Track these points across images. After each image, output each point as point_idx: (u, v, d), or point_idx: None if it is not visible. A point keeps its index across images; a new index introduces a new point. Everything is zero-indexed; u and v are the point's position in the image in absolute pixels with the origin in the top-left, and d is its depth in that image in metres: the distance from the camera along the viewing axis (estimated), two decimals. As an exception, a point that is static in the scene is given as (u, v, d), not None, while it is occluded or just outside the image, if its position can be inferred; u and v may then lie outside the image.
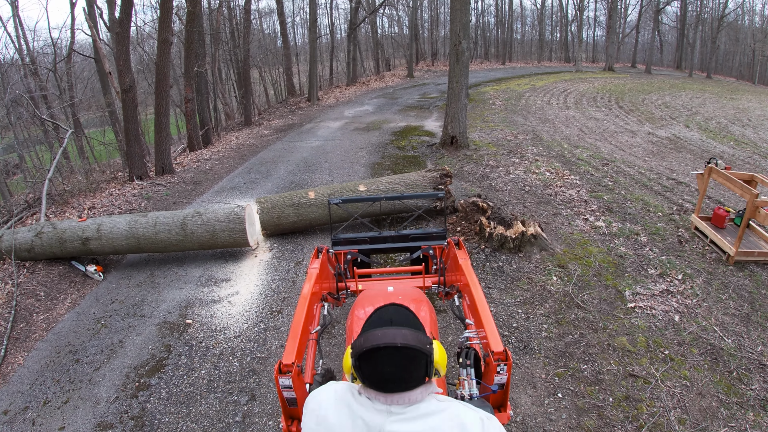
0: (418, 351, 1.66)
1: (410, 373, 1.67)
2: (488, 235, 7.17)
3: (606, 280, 6.44)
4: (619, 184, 10.31)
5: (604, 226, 8.07)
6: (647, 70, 43.80)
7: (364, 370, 1.69)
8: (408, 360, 1.66)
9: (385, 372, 1.65)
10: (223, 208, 7.44)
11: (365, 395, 1.71)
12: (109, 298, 6.87)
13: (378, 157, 13.27)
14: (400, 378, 1.66)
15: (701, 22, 49.17)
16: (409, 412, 1.64)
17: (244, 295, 6.58)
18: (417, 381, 1.69)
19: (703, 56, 49.81)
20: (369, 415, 1.66)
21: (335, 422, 1.68)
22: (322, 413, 1.74)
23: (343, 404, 1.72)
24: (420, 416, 1.63)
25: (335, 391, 1.79)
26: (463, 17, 12.24)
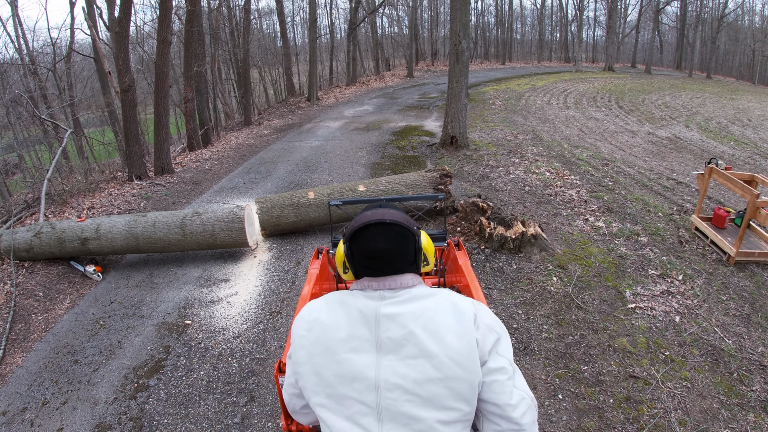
0: (406, 229, 1.74)
1: (400, 252, 1.74)
2: (488, 235, 7.15)
3: (606, 281, 6.42)
4: (620, 184, 10.29)
5: (604, 227, 8.05)
6: (647, 70, 43.82)
7: (356, 252, 1.75)
8: (397, 237, 1.72)
9: (376, 247, 1.71)
10: (222, 209, 7.42)
11: (357, 289, 1.76)
12: (107, 299, 6.84)
13: (378, 157, 13.26)
14: (391, 255, 1.72)
15: (701, 22, 49.16)
16: (401, 295, 1.69)
17: (243, 296, 6.56)
18: (407, 263, 1.76)
19: (703, 56, 49.89)
20: (363, 302, 1.68)
21: (329, 321, 1.69)
22: (312, 317, 1.74)
23: (335, 303, 1.74)
24: (413, 298, 1.68)
25: (325, 299, 1.79)
26: (463, 17, 12.23)
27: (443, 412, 1.58)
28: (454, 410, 1.59)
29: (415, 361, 1.58)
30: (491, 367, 1.64)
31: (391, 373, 1.59)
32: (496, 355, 1.67)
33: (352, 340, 1.64)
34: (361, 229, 1.73)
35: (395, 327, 1.62)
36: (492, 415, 1.66)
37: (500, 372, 1.65)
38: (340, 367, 1.63)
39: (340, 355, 1.63)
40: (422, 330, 1.60)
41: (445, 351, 1.58)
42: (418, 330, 1.60)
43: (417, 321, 1.62)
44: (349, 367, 1.62)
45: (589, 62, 54.89)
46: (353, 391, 1.60)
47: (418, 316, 1.63)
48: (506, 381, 1.65)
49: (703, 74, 44.77)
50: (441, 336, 1.60)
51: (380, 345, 1.62)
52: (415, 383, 1.57)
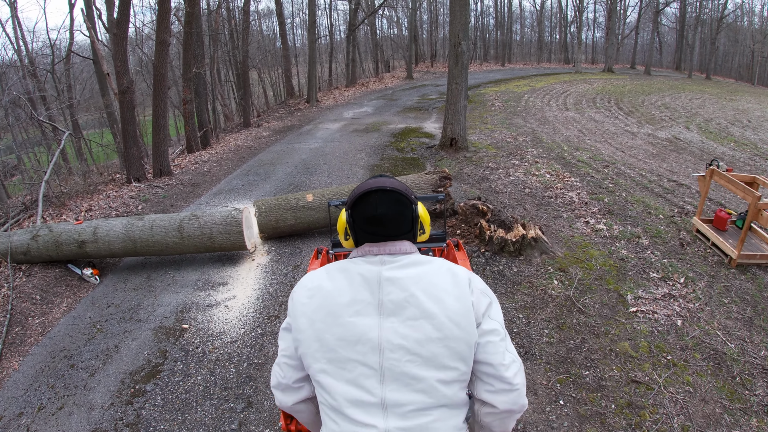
0: (405, 197, 1.85)
1: (398, 217, 1.84)
2: (488, 238, 7.08)
3: (607, 284, 6.37)
4: (620, 186, 10.24)
5: (605, 229, 8.00)
6: (647, 71, 43.79)
7: (357, 218, 1.86)
8: (396, 203, 1.83)
9: (376, 212, 1.81)
10: (220, 211, 7.36)
11: (357, 256, 1.85)
12: (105, 302, 6.79)
13: (377, 159, 13.21)
14: (390, 220, 1.82)
15: (701, 23, 49.15)
16: (401, 260, 1.78)
17: (241, 300, 6.50)
18: (405, 229, 1.87)
19: (702, 57, 49.89)
20: (365, 267, 1.76)
21: (331, 287, 1.76)
22: (314, 285, 1.80)
23: (335, 272, 1.80)
24: (412, 263, 1.77)
25: (325, 268, 1.85)
26: (463, 18, 12.18)
27: (443, 371, 1.66)
28: (453, 369, 1.67)
29: (416, 322, 1.66)
30: (485, 329, 1.73)
31: (393, 334, 1.66)
32: (489, 319, 1.76)
33: (355, 303, 1.71)
34: (363, 195, 1.84)
35: (396, 290, 1.70)
36: (485, 376, 1.74)
37: (493, 333, 1.73)
38: (344, 331, 1.68)
39: (343, 319, 1.69)
40: (422, 292, 1.69)
41: (444, 312, 1.67)
42: (418, 292, 1.69)
43: (417, 284, 1.70)
44: (353, 330, 1.68)
45: (589, 63, 54.91)
46: (356, 353, 1.67)
47: (418, 280, 1.71)
48: (499, 342, 1.73)
49: (702, 75, 44.75)
50: (440, 298, 1.68)
51: (382, 307, 1.69)
52: (416, 343, 1.65)
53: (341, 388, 1.68)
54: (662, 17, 51.73)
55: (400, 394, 1.65)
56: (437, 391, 1.66)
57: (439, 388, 1.66)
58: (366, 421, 1.65)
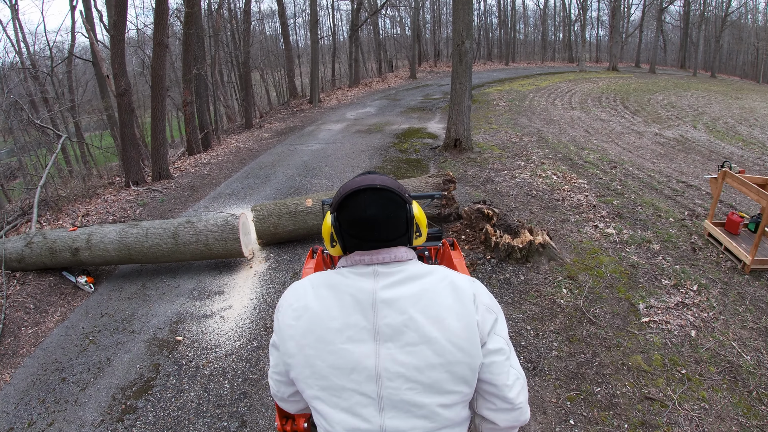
0: (398, 196, 1.65)
1: (391, 220, 1.65)
2: (494, 244, 6.84)
3: (618, 292, 6.13)
4: (629, 187, 10.00)
5: (614, 233, 7.75)
6: (651, 69, 43.59)
7: (344, 222, 1.66)
8: (388, 204, 1.64)
9: (366, 215, 1.61)
10: (216, 218, 7.14)
11: (345, 265, 1.68)
12: (98, 312, 6.60)
13: (380, 160, 12.98)
14: (382, 223, 1.63)
15: (705, 21, 48.89)
16: (397, 273, 1.61)
17: (237, 310, 6.28)
18: (399, 234, 1.68)
19: (706, 55, 49.62)
20: (355, 284, 1.60)
21: (319, 308, 1.60)
22: (300, 305, 1.63)
23: (323, 287, 1.64)
24: (410, 278, 1.61)
25: (310, 281, 1.68)
26: (466, 17, 11.95)
27: (445, 396, 1.57)
28: (456, 393, 1.57)
29: (416, 348, 1.54)
30: (490, 349, 1.62)
31: (391, 362, 1.54)
32: (495, 336, 1.64)
33: (348, 329, 1.57)
34: (350, 195, 1.63)
35: (393, 313, 1.56)
36: (488, 395, 1.65)
37: (499, 353, 1.62)
38: (337, 358, 1.56)
39: (335, 345, 1.56)
40: (422, 315, 1.55)
41: (445, 335, 1.55)
42: (417, 315, 1.55)
43: (416, 305, 1.56)
44: (347, 357, 1.55)
45: (593, 62, 54.60)
46: (352, 382, 1.55)
47: (416, 300, 1.56)
48: (504, 362, 1.63)
49: (707, 73, 44.53)
50: (441, 319, 1.55)
51: (378, 333, 1.56)
52: (416, 370, 1.54)
53: (337, 416, 1.57)
54: (666, 15, 51.40)
55: (400, 421, 1.55)
56: (439, 415, 1.56)
57: (440, 413, 1.56)
58: None
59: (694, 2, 47.75)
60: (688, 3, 46.40)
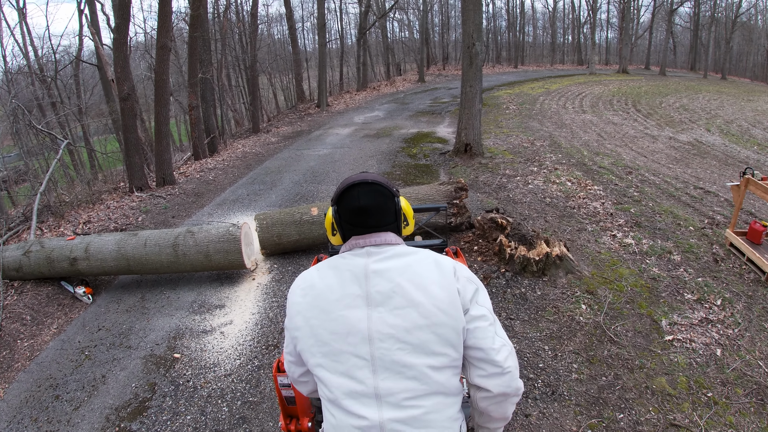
0: (387, 189, 1.92)
1: (382, 209, 1.91)
2: (509, 256, 6.50)
3: (640, 308, 5.79)
4: (646, 194, 9.65)
5: (633, 244, 7.41)
6: (662, 71, 43.16)
7: (342, 212, 1.92)
8: (379, 195, 1.90)
9: (359, 204, 1.87)
10: (217, 228, 6.84)
11: (345, 251, 1.91)
12: (95, 325, 6.35)
13: (388, 166, 12.68)
14: (374, 211, 1.89)
15: (715, 22, 48.44)
16: (386, 251, 1.84)
17: (238, 326, 5.98)
18: (388, 220, 1.93)
19: (717, 57, 49.11)
20: (352, 262, 1.83)
21: (322, 285, 1.81)
22: (306, 284, 1.86)
23: (326, 269, 1.86)
24: (397, 255, 1.83)
25: (316, 266, 1.92)
26: (476, 18, 11.64)
27: (432, 357, 1.71)
28: (443, 355, 1.72)
29: (403, 311, 1.72)
30: (473, 315, 1.78)
31: (382, 324, 1.72)
32: (476, 305, 1.81)
33: (345, 298, 1.77)
34: (347, 189, 1.90)
35: (383, 281, 1.76)
36: (477, 360, 1.79)
37: (482, 319, 1.79)
38: (336, 324, 1.75)
39: (335, 313, 1.76)
40: (408, 282, 1.75)
41: (430, 300, 1.72)
42: (404, 282, 1.75)
43: (403, 275, 1.76)
44: (344, 323, 1.74)
45: (602, 64, 54.15)
46: (348, 345, 1.73)
47: (403, 271, 1.78)
48: (488, 327, 1.78)
49: (717, 75, 44.06)
50: (425, 287, 1.74)
51: (370, 299, 1.75)
52: (405, 331, 1.71)
53: (337, 381, 1.74)
54: (675, 17, 50.94)
55: (392, 382, 1.70)
56: (429, 377, 1.70)
57: (430, 375, 1.70)
58: (360, 413, 1.70)
59: (704, 3, 47.40)
60: (698, 4, 46.00)
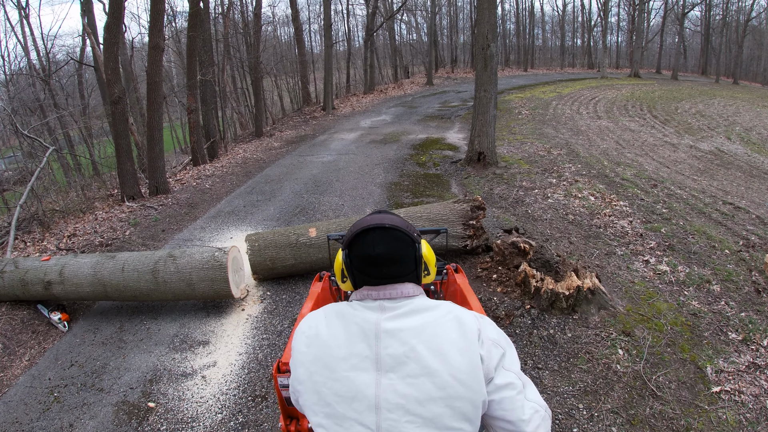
0: (406, 235, 1.70)
1: (399, 258, 1.69)
2: (534, 289, 5.71)
3: (682, 352, 5.03)
4: (675, 211, 8.89)
5: (668, 271, 6.64)
6: (674, 76, 42.49)
7: (354, 258, 1.71)
8: (397, 242, 1.68)
9: (375, 252, 1.66)
10: (201, 252, 6.09)
11: (355, 299, 1.72)
12: (68, 359, 5.68)
13: (395, 175, 11.94)
14: (390, 260, 1.67)
15: (726, 26, 47.76)
16: (402, 306, 1.64)
17: (222, 369, 5.21)
18: (407, 271, 1.71)
19: (728, 61, 48.34)
20: (362, 315, 1.63)
21: (328, 336, 1.64)
22: (312, 332, 1.69)
23: (333, 317, 1.69)
24: (414, 311, 1.63)
25: (324, 311, 1.74)
26: (492, 18, 10.91)
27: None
28: (456, 430, 1.53)
29: (417, 380, 1.54)
30: (499, 384, 1.60)
31: (391, 393, 1.54)
32: (503, 371, 1.63)
33: (352, 357, 1.59)
34: (360, 233, 1.69)
35: (396, 343, 1.57)
36: None
37: (509, 388, 1.60)
38: (340, 386, 1.58)
39: (339, 373, 1.58)
40: (424, 346, 1.56)
41: (447, 369, 1.54)
42: (420, 346, 1.56)
43: (419, 337, 1.57)
44: (349, 386, 1.57)
45: (613, 68, 53.40)
46: (353, 411, 1.56)
47: (420, 332, 1.58)
48: (516, 396, 1.61)
49: (729, 80, 43.29)
50: (444, 353, 1.55)
51: (380, 362, 1.57)
52: (416, 403, 1.53)
53: None
54: (685, 20, 50.27)
55: None
56: None
57: None
58: None
59: (716, 7, 46.77)
60: (709, 8, 45.33)
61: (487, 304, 5.82)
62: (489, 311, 5.69)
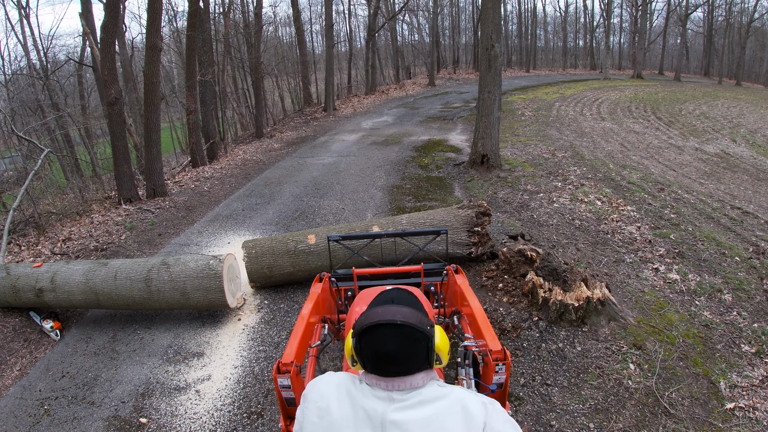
0: (418, 331, 1.67)
1: (411, 354, 1.66)
2: (542, 300, 5.49)
3: (695, 366, 4.82)
4: (683, 216, 8.68)
5: (679, 280, 6.43)
6: (676, 77, 42.28)
7: (365, 350, 1.69)
8: (408, 339, 1.66)
9: (385, 350, 1.64)
10: (196, 261, 5.88)
11: (365, 382, 1.70)
12: (60, 370, 5.50)
13: (397, 178, 11.74)
14: (401, 358, 1.65)
15: (729, 27, 47.53)
16: (410, 398, 1.62)
17: (217, 383, 5.00)
18: (418, 364, 1.67)
19: (730, 63, 48.09)
20: (370, 403, 1.64)
21: (338, 415, 1.65)
22: (324, 404, 1.70)
23: (344, 394, 1.69)
24: (421, 402, 1.62)
25: (336, 381, 1.74)
26: (496, 17, 10.69)
27: None
28: None
29: None
30: None
31: None
32: None
33: None
34: (371, 327, 1.67)
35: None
36: None
37: None
38: None
39: None
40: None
41: None
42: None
43: (424, 430, 1.56)
44: None
45: (615, 69, 53.18)
46: None
47: (425, 425, 1.56)
48: None
49: (732, 81, 43.02)
50: None
51: None
52: None
53: None
54: (688, 22, 50.06)
55: None
56: None
57: None
58: None
59: (718, 8, 46.54)
60: (712, 9, 45.10)
61: (492, 315, 5.61)
62: (495, 323, 5.48)
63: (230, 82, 26.98)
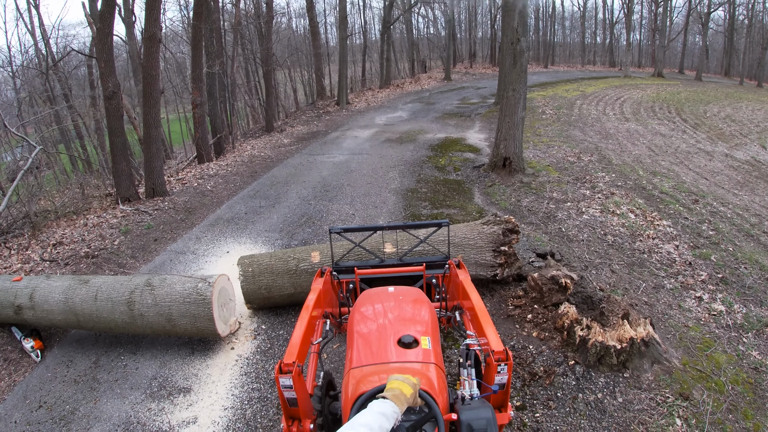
0: None
1: None
2: (579, 340, 4.77)
3: (745, 419, 4.14)
4: (722, 233, 7.94)
5: (724, 312, 5.71)
6: (698, 77, 41.16)
7: None
8: None
9: None
10: (183, 282, 5.23)
11: None
12: (37, 399, 4.97)
13: (412, 180, 11.05)
14: None
15: (751, 26, 46.33)
16: None
17: (203, 428, 4.32)
18: None
19: (751, 63, 46.92)
20: None
21: None
22: None
23: None
24: None
25: None
26: (522, 8, 9.91)
27: None
28: None
29: None
30: None
31: None
32: None
33: None
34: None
35: None
36: None
37: None
38: None
39: None
40: None
41: None
42: None
43: None
44: None
45: (635, 67, 52.12)
46: None
47: None
48: None
49: (753, 83, 41.90)
50: None
51: None
52: None
53: None
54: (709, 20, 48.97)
55: None
56: None
57: None
58: None
59: (742, 4, 45.43)
60: (733, 8, 43.96)
61: (521, 354, 4.91)
62: (524, 364, 4.77)
63: (242, 74, 26.39)
